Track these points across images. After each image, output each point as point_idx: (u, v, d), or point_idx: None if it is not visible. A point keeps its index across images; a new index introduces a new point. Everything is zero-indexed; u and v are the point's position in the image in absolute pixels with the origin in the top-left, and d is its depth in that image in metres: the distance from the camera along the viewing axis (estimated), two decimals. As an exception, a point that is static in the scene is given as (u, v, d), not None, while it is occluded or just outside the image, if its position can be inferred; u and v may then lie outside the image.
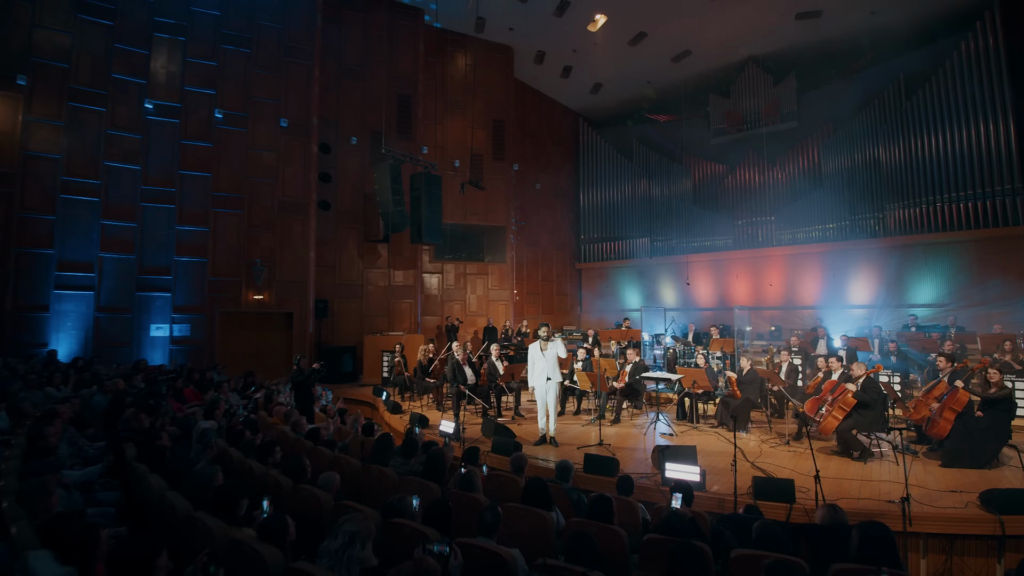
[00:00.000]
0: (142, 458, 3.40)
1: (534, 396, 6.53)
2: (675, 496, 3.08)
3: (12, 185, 9.84)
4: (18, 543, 2.07)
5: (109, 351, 10.26)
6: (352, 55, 13.52)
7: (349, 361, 12.38)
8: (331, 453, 4.20)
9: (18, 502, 2.49)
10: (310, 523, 2.54)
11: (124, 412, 4.88)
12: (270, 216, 11.96)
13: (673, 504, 3.01)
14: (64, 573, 1.82)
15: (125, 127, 10.70)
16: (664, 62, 15.97)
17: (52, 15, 10.24)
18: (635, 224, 17.39)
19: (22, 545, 2.04)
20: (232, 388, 8.10)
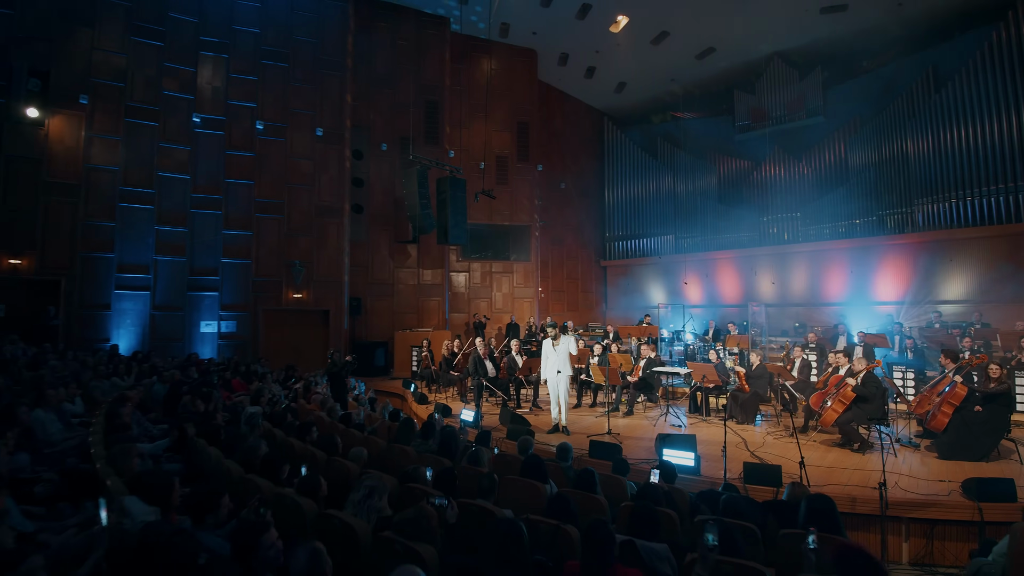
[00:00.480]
0: (200, 435, 4.00)
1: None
2: (653, 472, 3.47)
3: (77, 195, 10.86)
4: (113, 492, 2.65)
5: (164, 346, 11.21)
6: (382, 65, 14.17)
7: (381, 356, 13.06)
8: (360, 434, 4.75)
9: (108, 464, 3.10)
10: (340, 486, 3.06)
11: (182, 399, 5.56)
12: (308, 220, 12.73)
13: (652, 479, 3.40)
14: (150, 510, 2.37)
15: (175, 140, 11.62)
16: (688, 60, 16.07)
17: (109, 39, 11.22)
18: (660, 221, 17.54)
19: (116, 493, 2.62)
20: (274, 379, 8.81)
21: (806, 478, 4.46)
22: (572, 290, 18.59)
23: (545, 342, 6.83)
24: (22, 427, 4.16)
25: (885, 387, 5.90)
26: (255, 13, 12.44)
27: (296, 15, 12.87)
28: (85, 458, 3.91)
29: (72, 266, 10.81)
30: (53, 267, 10.70)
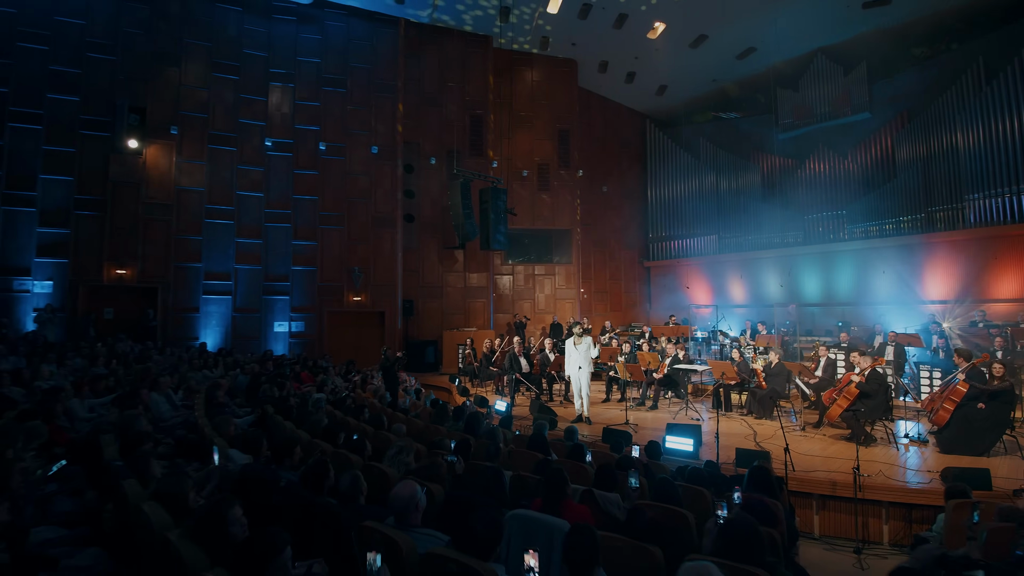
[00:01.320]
0: (277, 413, 5.03)
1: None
2: (634, 447, 4.13)
3: (170, 214, 12.57)
4: (219, 447, 3.65)
5: (243, 343, 12.75)
6: (430, 84, 15.27)
7: (431, 353, 14.14)
8: (404, 416, 5.68)
9: (213, 429, 4.14)
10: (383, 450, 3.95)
11: (261, 387, 6.69)
12: (365, 230, 14.00)
13: (633, 453, 4.06)
14: (246, 457, 3.33)
15: (251, 162, 13.16)
16: (728, 60, 16.18)
17: (193, 76, 12.89)
18: (703, 222, 17.68)
19: (221, 447, 3.62)
20: (337, 373, 9.99)
21: (790, 463, 4.96)
22: (615, 291, 19.02)
23: (568, 342, 7.54)
24: (144, 405, 5.35)
25: (889, 384, 6.20)
26: (316, 44, 13.83)
27: (352, 44, 14.18)
28: (191, 430, 5.03)
29: (167, 275, 12.54)
30: (151, 276, 12.46)
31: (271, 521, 1.98)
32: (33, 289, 11.76)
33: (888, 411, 6.07)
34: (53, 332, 11.27)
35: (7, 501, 2.25)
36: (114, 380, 6.91)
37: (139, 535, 2.15)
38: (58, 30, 12.00)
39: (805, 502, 4.89)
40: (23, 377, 6.36)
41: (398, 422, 4.90)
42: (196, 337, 12.62)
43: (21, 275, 11.72)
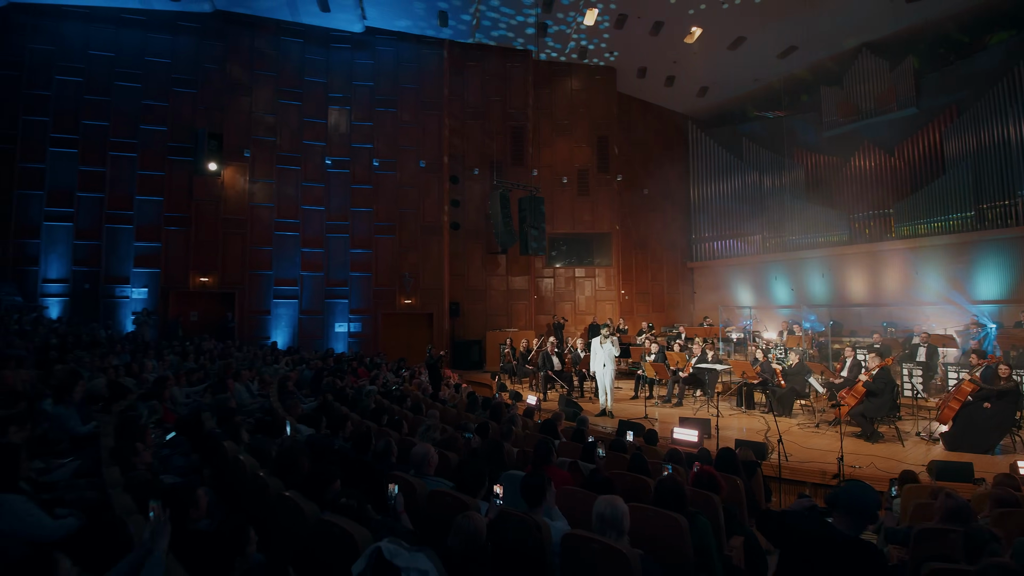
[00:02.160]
0: (336, 400, 6.01)
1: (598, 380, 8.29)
2: (628, 432, 4.74)
3: (244, 228, 14.12)
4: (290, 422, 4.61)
5: (309, 342, 14.12)
6: (473, 99, 16.22)
7: (476, 351, 15.06)
8: (441, 405, 6.54)
9: (285, 410, 5.13)
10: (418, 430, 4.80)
11: (324, 379, 7.76)
12: (415, 238, 15.11)
13: (628, 438, 4.68)
14: (310, 430, 4.26)
15: (313, 179, 14.55)
16: (769, 59, 16.15)
17: (262, 103, 14.41)
18: (746, 222, 17.67)
19: (292, 423, 4.57)
20: (389, 369, 11.04)
21: (783, 452, 5.43)
22: (657, 292, 19.28)
23: (594, 341, 8.18)
24: (230, 392, 6.47)
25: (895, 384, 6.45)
26: (370, 69, 15.07)
27: (402, 66, 15.33)
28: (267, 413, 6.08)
29: (243, 282, 14.10)
30: (230, 283, 14.06)
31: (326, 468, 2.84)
32: (131, 295, 13.59)
33: (894, 409, 6.32)
34: (149, 332, 12.99)
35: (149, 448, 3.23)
36: (203, 373, 8.18)
37: (236, 476, 3.07)
38: (148, 69, 13.81)
39: (799, 488, 5.34)
40: (133, 370, 7.72)
41: (433, 408, 5.75)
42: (268, 336, 14.10)
43: (121, 283, 13.58)
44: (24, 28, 13.19)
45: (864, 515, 1.95)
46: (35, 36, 13.27)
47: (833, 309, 15.07)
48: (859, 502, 1.95)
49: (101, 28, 13.60)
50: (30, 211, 13.09)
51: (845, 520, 1.95)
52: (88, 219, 13.31)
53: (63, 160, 13.20)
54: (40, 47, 13.28)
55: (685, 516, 2.64)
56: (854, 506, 1.95)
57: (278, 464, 2.75)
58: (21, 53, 13.17)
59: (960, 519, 2.67)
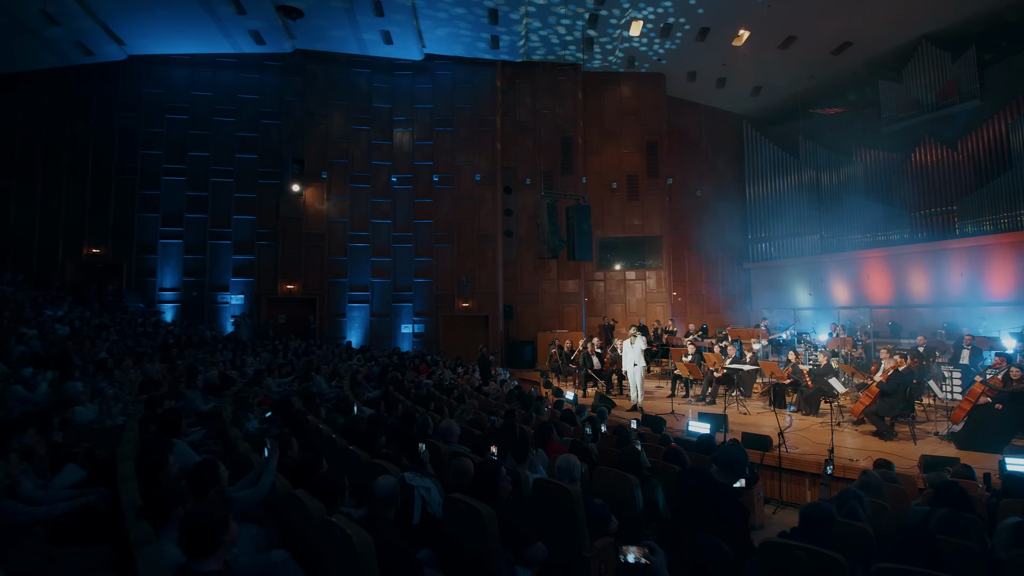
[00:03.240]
0: (396, 391, 7.20)
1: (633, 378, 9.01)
2: (632, 422, 5.51)
3: (323, 241, 15.91)
4: (357, 405, 5.80)
5: (379, 341, 15.69)
6: (524, 113, 17.22)
7: (528, 351, 16.02)
8: (484, 396, 7.57)
9: (353, 396, 6.35)
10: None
11: (388, 374, 9.02)
12: (471, 246, 16.32)
13: (632, 424, 5.45)
14: (372, 412, 5.40)
15: (381, 195, 16.13)
16: (823, 56, 15.96)
17: (337, 130, 16.15)
18: (804, 221, 17.46)
19: (359, 406, 5.76)
20: (446, 366, 12.26)
21: (785, 445, 5.99)
22: (711, 293, 19.36)
23: (625, 342, 8.91)
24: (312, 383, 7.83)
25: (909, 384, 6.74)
26: (429, 93, 16.47)
27: (458, 88, 16.61)
28: (340, 401, 7.36)
29: (322, 288, 15.89)
30: (311, 289, 15.89)
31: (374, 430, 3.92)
32: (230, 301, 15.73)
33: (905, 408, 6.61)
34: (245, 333, 15.01)
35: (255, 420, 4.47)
36: (290, 367, 9.71)
37: (316, 438, 4.22)
38: (240, 105, 15.92)
39: (799, 478, 5.87)
40: (235, 364, 9.35)
41: (474, 398, 6.77)
42: (344, 336, 15.80)
43: (222, 291, 15.75)
44: (140, 75, 15.66)
45: (734, 468, 2.72)
46: (149, 82, 15.71)
47: (894, 310, 14.74)
48: (731, 459, 2.72)
49: (202, 71, 15.86)
50: (148, 231, 15.52)
51: (721, 472, 2.72)
52: (194, 237, 15.57)
53: (174, 187, 15.54)
54: (153, 91, 15.71)
55: (639, 477, 3.47)
56: (727, 461, 2.72)
57: (344, 430, 3.85)
58: (138, 97, 15.66)
59: (869, 489, 3.34)
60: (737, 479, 2.75)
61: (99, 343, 9.62)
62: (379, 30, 14.62)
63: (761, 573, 2.23)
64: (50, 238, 15.17)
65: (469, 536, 2.45)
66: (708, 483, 2.72)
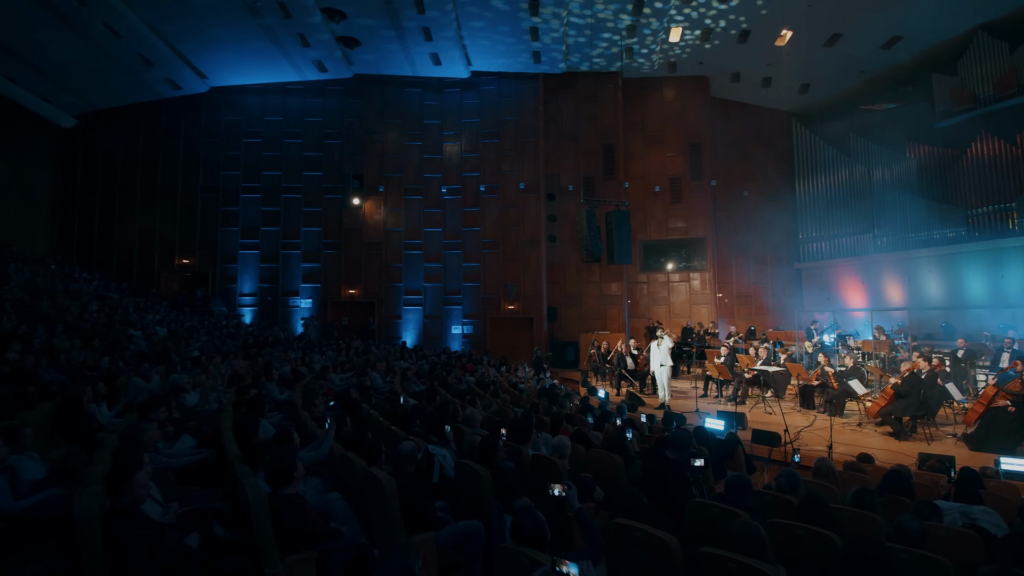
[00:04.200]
0: (440, 386, 8.14)
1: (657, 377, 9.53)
2: (642, 416, 6.11)
3: (380, 249, 17.25)
4: (403, 396, 6.77)
5: (431, 342, 16.84)
6: (566, 122, 17.88)
7: (571, 352, 16.67)
8: (518, 392, 8.38)
9: (403, 390, 7.34)
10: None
11: (435, 371, 10.01)
12: (516, 251, 17.18)
13: (642, 419, 6.05)
14: (416, 402, 6.33)
15: (432, 205, 17.29)
16: (872, 51, 15.63)
17: (392, 146, 17.46)
18: (856, 220, 17.11)
19: (404, 397, 6.72)
20: (491, 365, 13.16)
21: (788, 438, 6.41)
22: (759, 294, 19.21)
23: (652, 343, 9.44)
24: (368, 378, 8.92)
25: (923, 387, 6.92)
26: (476, 107, 17.48)
27: (502, 101, 17.51)
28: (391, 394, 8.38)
29: (380, 292, 17.23)
30: (370, 293, 17.27)
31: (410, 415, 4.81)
32: (300, 305, 17.36)
33: (919, 409, 6.80)
34: (313, 333, 16.55)
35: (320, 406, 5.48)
36: (351, 364, 10.91)
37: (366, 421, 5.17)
38: (307, 127, 17.54)
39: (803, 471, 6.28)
40: (305, 361, 10.63)
41: (507, 393, 7.59)
42: (399, 337, 17.07)
43: (293, 295, 17.40)
44: (220, 105, 17.58)
45: (680, 448, 3.37)
46: (228, 110, 17.62)
47: (948, 311, 14.28)
48: (678, 440, 3.37)
49: (273, 98, 17.61)
50: (229, 243, 17.41)
51: (674, 451, 3.38)
52: (269, 247, 17.33)
53: (251, 203, 17.36)
54: (232, 118, 17.60)
55: (624, 458, 4.16)
56: (675, 442, 3.38)
57: (389, 415, 4.76)
58: (219, 124, 17.59)
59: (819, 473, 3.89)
60: (685, 457, 3.41)
61: (192, 343, 11.20)
62: (428, 53, 15.75)
63: (689, 525, 2.90)
64: (147, 251, 17.37)
65: (471, 490, 3.26)
66: (661, 459, 3.40)
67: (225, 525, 2.64)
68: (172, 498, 2.99)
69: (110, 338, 9.89)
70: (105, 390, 5.34)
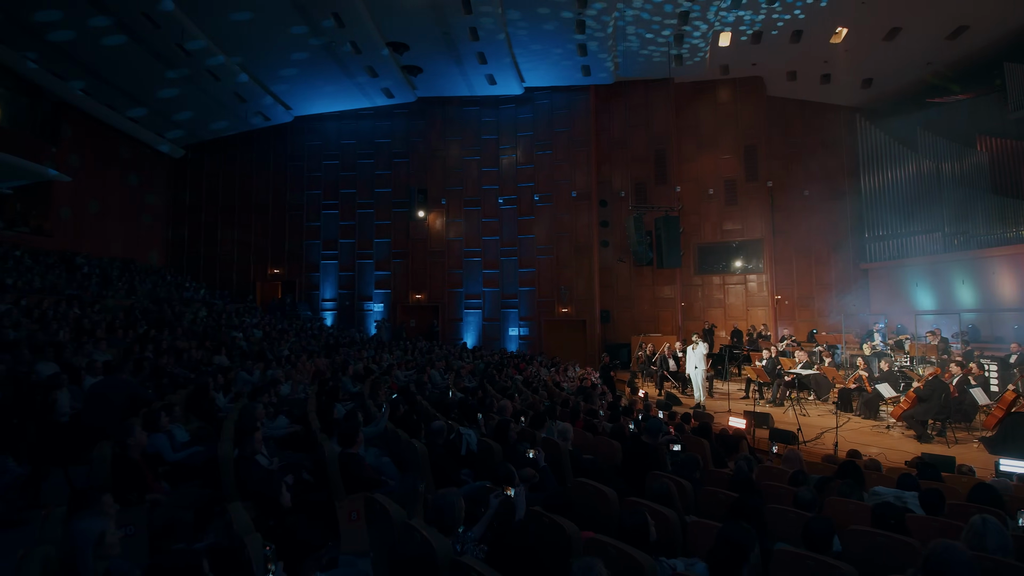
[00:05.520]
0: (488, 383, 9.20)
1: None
2: (661, 410, 6.82)
3: (443, 257, 18.67)
4: (452, 391, 7.90)
5: (490, 343, 18.03)
6: (617, 130, 18.48)
7: (624, 354, 17.23)
8: (560, 391, 9.30)
9: (454, 385, 8.48)
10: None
11: (488, 370, 11.11)
12: (569, 257, 18.00)
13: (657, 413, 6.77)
14: (462, 395, 7.42)
15: (489, 215, 18.49)
16: (937, 43, 15.09)
17: (453, 161, 18.86)
18: (924, 218, 16.46)
19: (453, 392, 7.85)
20: (542, 365, 14.10)
21: (803, 438, 6.89)
22: (823, 296, 18.76)
23: (689, 348, 10.01)
24: (427, 376, 10.15)
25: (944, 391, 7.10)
26: (529, 121, 18.49)
27: (555, 113, 18.41)
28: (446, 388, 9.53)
29: (443, 297, 18.66)
30: (434, 298, 18.73)
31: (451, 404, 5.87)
32: (373, 309, 19.13)
33: (940, 413, 6.97)
34: (384, 334, 18.23)
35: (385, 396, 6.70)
36: (414, 362, 12.24)
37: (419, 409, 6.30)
38: (377, 148, 19.31)
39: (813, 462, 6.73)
40: (376, 359, 12.08)
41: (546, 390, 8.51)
42: (461, 338, 18.39)
43: (367, 300, 19.20)
44: (304, 131, 19.73)
45: (652, 433, 4.17)
46: (309, 136, 19.74)
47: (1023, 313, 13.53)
48: (653, 427, 4.17)
49: (347, 123, 19.53)
50: (312, 255, 19.50)
51: (649, 436, 4.18)
52: (346, 258, 19.25)
53: (330, 219, 19.37)
54: (313, 143, 19.71)
55: (622, 444, 4.98)
56: (650, 430, 4.18)
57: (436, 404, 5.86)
58: (303, 148, 19.75)
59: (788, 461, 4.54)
60: (656, 441, 4.21)
61: (283, 343, 13.01)
62: (484, 74, 16.96)
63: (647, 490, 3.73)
64: (244, 262, 19.82)
65: (488, 459, 4.25)
66: (638, 442, 4.22)
67: (310, 473, 3.79)
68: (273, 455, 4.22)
69: (218, 339, 11.80)
70: (222, 381, 6.83)
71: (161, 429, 4.10)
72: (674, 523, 2.69)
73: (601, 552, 2.12)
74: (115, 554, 1.86)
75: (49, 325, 9.12)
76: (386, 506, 2.44)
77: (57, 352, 7.01)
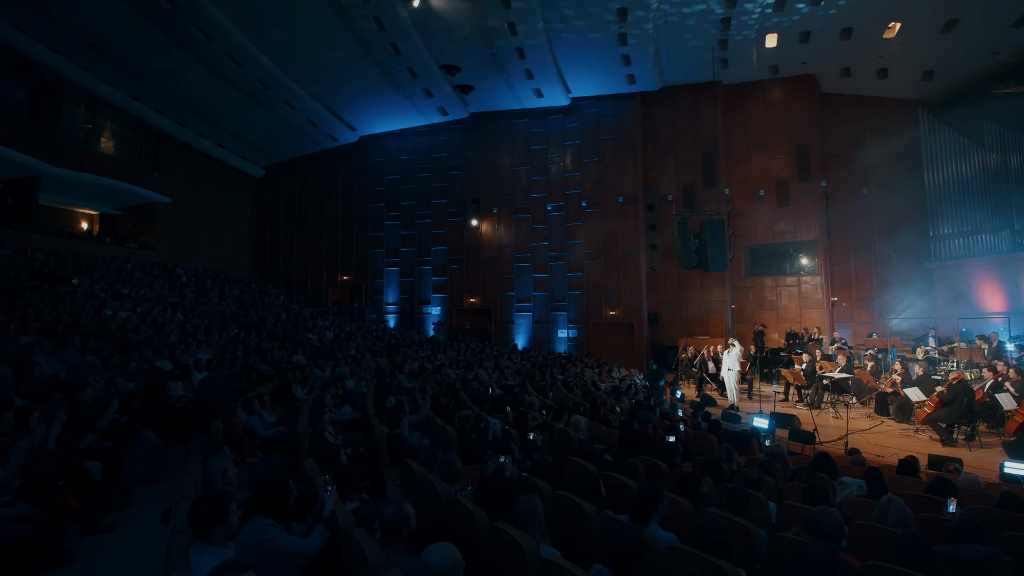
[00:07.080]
0: (528, 382, 10.06)
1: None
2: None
3: (495, 263, 19.71)
4: (492, 388, 8.84)
5: (539, 344, 18.87)
6: (664, 135, 18.78)
7: (672, 356, 17.53)
8: (597, 390, 10.00)
9: (496, 384, 9.42)
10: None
11: (531, 370, 11.97)
12: (616, 261, 18.52)
13: (679, 413, 7.31)
14: (500, 392, 8.32)
15: (539, 222, 19.34)
16: (1001, 31, 14.37)
17: (504, 171, 19.84)
18: (993, 215, 15.69)
19: (493, 388, 8.79)
20: (587, 365, 14.79)
21: (818, 437, 7.25)
22: (885, 298, 18.20)
23: (724, 351, 10.40)
24: (474, 374, 11.15)
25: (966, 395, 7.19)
26: (576, 130, 19.17)
27: (601, 121, 18.98)
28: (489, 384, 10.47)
29: (495, 300, 19.70)
30: (487, 302, 19.81)
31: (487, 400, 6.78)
32: (431, 312, 20.46)
33: (963, 416, 7.07)
34: (441, 336, 19.50)
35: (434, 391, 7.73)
36: (465, 361, 13.31)
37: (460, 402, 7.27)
38: (434, 162, 20.65)
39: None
40: (431, 359, 13.25)
41: (581, 389, 9.25)
42: (512, 339, 19.35)
43: (425, 304, 20.58)
44: (368, 149, 21.42)
45: (643, 423, 4.87)
46: (373, 153, 21.39)
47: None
48: (644, 418, 4.86)
49: (407, 140, 21.01)
50: (376, 262, 21.13)
51: (640, 424, 4.89)
52: (407, 265, 20.74)
53: (392, 229, 20.93)
54: (376, 160, 21.35)
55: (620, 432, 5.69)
56: (641, 419, 4.87)
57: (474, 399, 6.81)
58: (367, 165, 21.44)
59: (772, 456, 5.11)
60: (647, 429, 4.91)
61: (351, 343, 14.47)
62: (532, 88, 17.83)
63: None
64: (317, 270, 21.77)
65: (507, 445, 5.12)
66: (631, 429, 4.94)
67: (365, 448, 4.81)
68: (339, 435, 5.30)
69: (295, 340, 13.39)
70: (300, 376, 8.12)
71: (255, 412, 5.28)
72: (632, 489, 3.44)
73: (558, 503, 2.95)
74: (233, 483, 2.91)
75: (161, 329, 10.89)
76: (413, 467, 3.37)
77: (170, 351, 8.58)
